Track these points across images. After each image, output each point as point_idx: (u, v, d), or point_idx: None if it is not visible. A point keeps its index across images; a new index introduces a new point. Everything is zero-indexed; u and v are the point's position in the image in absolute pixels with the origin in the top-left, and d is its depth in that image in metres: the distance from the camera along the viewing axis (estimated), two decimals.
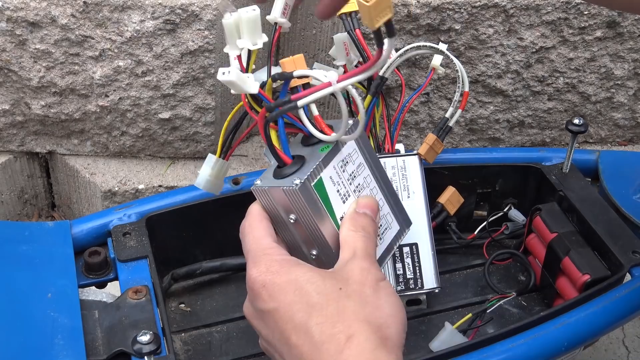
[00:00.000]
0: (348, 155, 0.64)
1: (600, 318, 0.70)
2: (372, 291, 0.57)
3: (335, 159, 0.62)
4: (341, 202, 0.63)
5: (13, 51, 1.04)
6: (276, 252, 0.60)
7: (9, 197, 1.22)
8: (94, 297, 0.70)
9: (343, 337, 0.54)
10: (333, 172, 0.62)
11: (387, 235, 0.66)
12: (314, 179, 0.61)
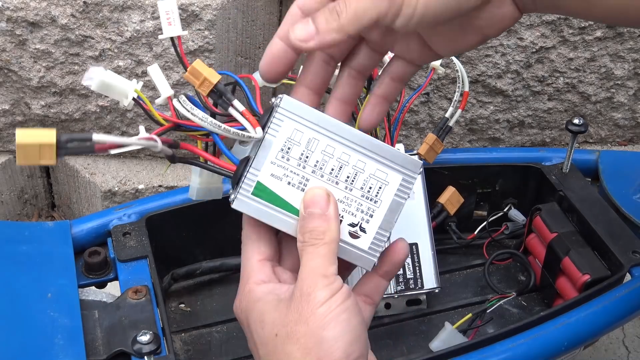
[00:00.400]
0: (288, 140, 0.58)
1: (600, 318, 0.70)
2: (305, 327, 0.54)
3: (270, 152, 0.58)
4: (299, 191, 0.59)
5: (13, 51, 1.04)
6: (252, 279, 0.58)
7: (9, 197, 1.22)
8: (94, 297, 0.70)
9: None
10: (273, 167, 0.58)
11: (386, 194, 0.60)
12: (249, 188, 0.58)
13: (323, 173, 0.59)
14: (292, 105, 0.58)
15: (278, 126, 0.58)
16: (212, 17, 1.04)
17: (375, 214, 0.59)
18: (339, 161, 0.59)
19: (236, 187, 0.58)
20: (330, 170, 0.59)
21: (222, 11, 1.05)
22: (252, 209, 0.58)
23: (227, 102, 0.58)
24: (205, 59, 1.07)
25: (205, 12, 1.03)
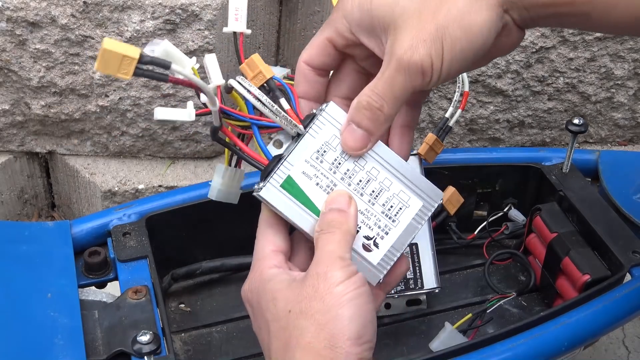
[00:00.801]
0: (325, 143, 0.61)
1: (600, 318, 0.70)
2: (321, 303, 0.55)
3: (306, 151, 0.60)
4: (325, 194, 0.61)
5: (13, 51, 1.04)
6: (265, 263, 0.59)
7: (9, 197, 1.22)
8: (93, 297, 0.70)
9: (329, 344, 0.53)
10: (306, 166, 0.61)
11: (405, 216, 0.62)
12: (279, 180, 0.60)
13: (351, 182, 0.61)
14: (336, 112, 0.60)
15: (319, 128, 0.60)
16: (212, 17, 1.04)
17: (391, 232, 0.61)
18: (368, 174, 0.61)
19: (265, 179, 0.60)
20: (358, 181, 0.61)
21: (222, 11, 1.05)
22: (277, 200, 0.60)
23: (275, 98, 0.60)
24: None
25: (205, 12, 1.03)
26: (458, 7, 0.55)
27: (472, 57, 0.56)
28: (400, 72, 0.56)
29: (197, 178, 1.18)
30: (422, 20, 0.55)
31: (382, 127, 0.58)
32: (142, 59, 0.52)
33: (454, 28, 0.55)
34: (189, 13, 1.03)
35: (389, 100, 0.57)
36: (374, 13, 0.58)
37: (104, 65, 0.51)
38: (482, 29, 0.55)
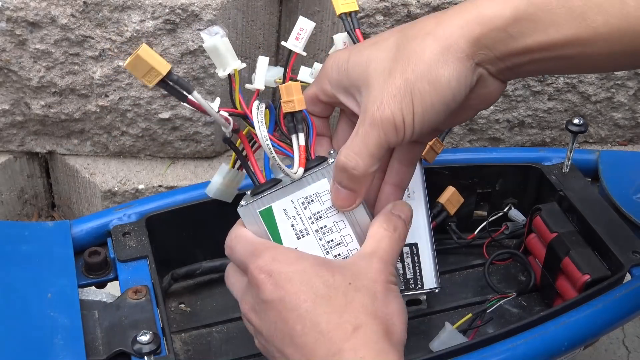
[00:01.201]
0: (315, 194, 0.62)
1: (600, 318, 0.70)
2: (382, 288, 0.58)
3: (295, 193, 0.62)
4: (295, 238, 0.62)
5: (13, 51, 1.04)
6: (279, 245, 0.61)
7: (9, 197, 1.22)
8: (94, 297, 0.70)
9: (350, 327, 0.55)
10: (289, 205, 0.62)
11: None
12: (261, 206, 0.61)
13: (322, 237, 0.63)
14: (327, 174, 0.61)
15: (318, 178, 0.61)
16: (212, 17, 1.04)
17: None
18: (342, 238, 0.63)
19: (253, 197, 0.62)
20: (330, 240, 0.63)
21: (222, 11, 1.05)
22: (251, 222, 0.62)
23: (295, 130, 0.61)
24: (205, 59, 1.07)
25: (205, 12, 1.03)
26: (425, 62, 0.56)
27: (445, 110, 0.57)
28: (373, 128, 0.57)
29: (197, 178, 1.18)
30: (392, 77, 0.57)
31: (362, 184, 0.59)
32: (169, 76, 0.54)
33: (421, 82, 0.56)
34: (189, 13, 1.03)
35: (364, 157, 0.58)
36: (350, 73, 0.60)
37: (132, 67, 0.53)
38: (450, 81, 0.56)
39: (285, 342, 0.56)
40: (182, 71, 1.08)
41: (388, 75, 0.57)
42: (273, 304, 0.57)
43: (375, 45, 0.60)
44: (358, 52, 0.61)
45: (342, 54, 0.62)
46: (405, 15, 1.07)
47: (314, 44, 1.16)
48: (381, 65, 0.58)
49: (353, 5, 0.74)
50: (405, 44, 0.58)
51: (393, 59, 0.57)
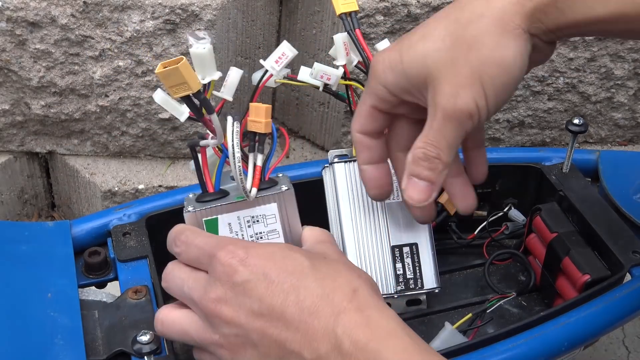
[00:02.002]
0: (262, 215, 0.64)
1: (600, 318, 0.70)
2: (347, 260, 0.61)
3: (243, 210, 0.63)
4: None
5: (13, 51, 1.04)
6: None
7: (9, 197, 1.22)
8: (94, 297, 0.70)
9: (348, 289, 0.54)
10: (235, 220, 0.64)
11: None
12: (208, 215, 0.63)
13: None
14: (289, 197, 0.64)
15: (269, 201, 0.64)
16: (212, 17, 1.04)
17: None
18: None
19: (199, 203, 0.64)
20: None
21: (222, 11, 1.05)
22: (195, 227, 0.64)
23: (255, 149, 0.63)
24: None
25: (205, 12, 1.03)
26: (487, 45, 0.56)
27: (514, 87, 0.57)
28: (448, 121, 0.57)
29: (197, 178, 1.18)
30: (456, 66, 0.56)
31: (442, 174, 0.59)
32: (197, 95, 0.55)
33: (489, 66, 0.56)
34: (189, 13, 1.03)
35: (444, 148, 0.58)
36: (407, 73, 0.59)
37: (164, 76, 0.54)
38: (516, 59, 0.56)
39: (274, 318, 0.54)
40: None
41: (452, 66, 0.56)
42: (255, 282, 0.55)
43: (425, 38, 0.59)
44: (409, 48, 0.59)
45: (391, 55, 0.61)
46: (405, 15, 1.08)
47: (313, 44, 1.16)
48: (441, 58, 0.57)
49: (353, 5, 0.74)
50: (460, 29, 0.57)
51: (451, 49, 0.57)
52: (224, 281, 0.56)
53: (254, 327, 0.55)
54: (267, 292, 0.55)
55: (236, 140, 0.60)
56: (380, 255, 0.73)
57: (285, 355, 0.54)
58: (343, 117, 1.18)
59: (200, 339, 0.58)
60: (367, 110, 0.64)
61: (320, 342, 0.53)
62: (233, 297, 0.56)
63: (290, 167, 0.79)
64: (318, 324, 0.53)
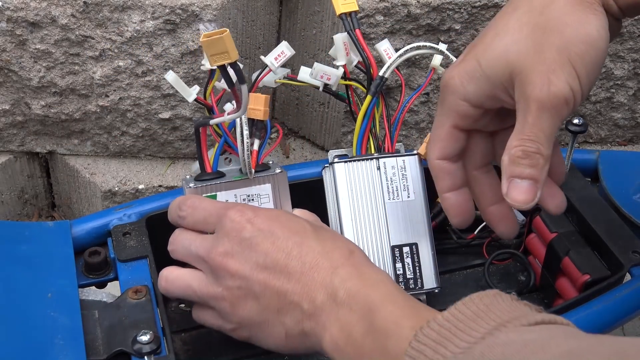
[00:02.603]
0: (257, 195, 0.70)
1: (600, 318, 0.70)
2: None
3: (240, 189, 0.70)
4: None
5: (13, 51, 1.04)
6: None
7: (9, 197, 1.22)
8: (94, 297, 0.70)
9: (346, 250, 0.59)
10: (232, 198, 0.70)
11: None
12: (207, 191, 0.69)
13: None
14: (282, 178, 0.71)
15: (263, 182, 0.71)
16: (212, 17, 1.04)
17: None
18: None
19: (198, 182, 0.69)
20: None
21: (222, 11, 1.05)
22: None
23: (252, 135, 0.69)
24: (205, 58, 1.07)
25: (205, 12, 1.03)
26: (569, 24, 0.55)
27: (602, 62, 0.56)
28: (544, 111, 0.55)
29: None
30: (541, 52, 0.55)
31: (544, 170, 0.56)
32: (233, 64, 0.59)
33: (576, 45, 0.54)
34: (189, 13, 1.03)
35: (543, 141, 0.56)
36: (489, 74, 0.57)
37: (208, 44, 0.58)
38: (600, 33, 0.55)
39: (277, 270, 0.58)
40: (182, 71, 1.08)
41: (536, 54, 0.55)
42: (261, 238, 0.59)
43: (500, 34, 0.57)
44: (485, 51, 0.58)
45: (466, 65, 0.59)
46: (405, 15, 1.08)
47: (313, 44, 1.16)
48: (522, 48, 0.56)
49: (353, 6, 0.74)
50: (536, 16, 0.56)
51: (531, 36, 0.55)
52: (232, 236, 0.60)
53: (257, 279, 0.59)
54: (272, 247, 0.59)
55: (244, 119, 0.67)
56: (380, 255, 0.73)
57: (284, 307, 0.58)
58: (343, 117, 1.18)
59: (202, 292, 0.62)
60: (447, 132, 0.61)
61: (317, 293, 0.57)
62: (240, 251, 0.59)
63: (290, 167, 0.79)
64: (317, 276, 0.57)
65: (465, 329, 0.48)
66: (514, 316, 0.49)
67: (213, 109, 0.70)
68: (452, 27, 1.10)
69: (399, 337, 0.52)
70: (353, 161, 0.74)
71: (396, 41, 1.10)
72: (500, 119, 0.63)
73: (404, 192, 0.76)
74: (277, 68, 0.70)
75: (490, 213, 0.66)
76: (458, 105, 0.60)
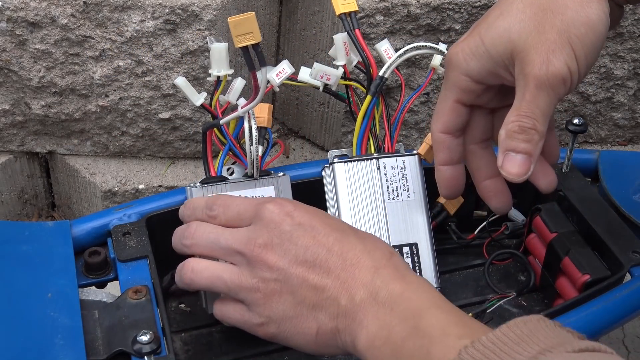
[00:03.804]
0: (260, 197, 0.71)
1: (600, 318, 0.70)
2: None
3: (245, 190, 0.71)
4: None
5: (13, 51, 1.04)
6: None
7: (9, 197, 1.22)
8: (94, 297, 0.70)
9: (387, 252, 0.59)
10: None
11: None
12: (212, 192, 0.71)
13: None
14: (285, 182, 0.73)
15: (267, 184, 0.72)
16: (212, 17, 1.04)
17: None
18: None
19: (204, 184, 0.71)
20: None
21: (222, 11, 1.05)
22: None
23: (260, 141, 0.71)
24: (205, 58, 1.07)
25: (205, 12, 1.03)
26: (570, 7, 0.56)
27: (602, 45, 0.57)
28: (541, 89, 0.57)
29: (197, 178, 1.18)
30: (542, 33, 0.56)
31: (538, 145, 0.59)
32: (256, 46, 0.63)
33: (576, 27, 0.56)
34: (189, 13, 1.03)
35: (539, 118, 0.58)
36: (491, 51, 0.59)
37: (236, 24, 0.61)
38: (600, 16, 0.56)
39: (317, 265, 0.58)
40: (182, 71, 1.08)
41: (538, 34, 0.56)
42: (302, 231, 0.59)
43: (504, 14, 0.59)
44: (488, 29, 0.60)
45: (470, 41, 0.61)
46: (405, 15, 1.08)
47: (313, 44, 1.16)
48: (524, 28, 0.57)
49: (353, 6, 0.74)
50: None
51: (534, 17, 0.57)
52: (271, 228, 0.60)
53: (295, 273, 0.58)
54: (313, 242, 0.58)
55: (252, 114, 0.70)
56: None
57: (320, 302, 0.57)
58: (343, 117, 1.18)
59: (234, 283, 0.61)
60: (450, 106, 0.64)
61: (357, 290, 0.56)
62: (279, 244, 0.59)
63: (290, 167, 0.79)
64: (359, 273, 0.57)
65: (509, 352, 0.49)
66: (558, 342, 0.49)
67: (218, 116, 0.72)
68: (452, 27, 1.10)
69: (445, 345, 0.52)
70: (353, 161, 0.74)
71: (396, 41, 1.10)
72: (501, 96, 0.64)
73: (404, 192, 0.76)
74: (277, 85, 0.72)
75: (485, 187, 0.69)
76: (461, 81, 0.62)
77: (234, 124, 0.72)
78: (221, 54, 0.70)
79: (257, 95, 0.67)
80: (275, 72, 0.72)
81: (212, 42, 0.70)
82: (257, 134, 0.70)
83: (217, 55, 0.70)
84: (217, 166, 0.73)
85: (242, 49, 0.63)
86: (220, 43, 0.70)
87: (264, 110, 0.73)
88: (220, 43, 0.70)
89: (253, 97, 0.68)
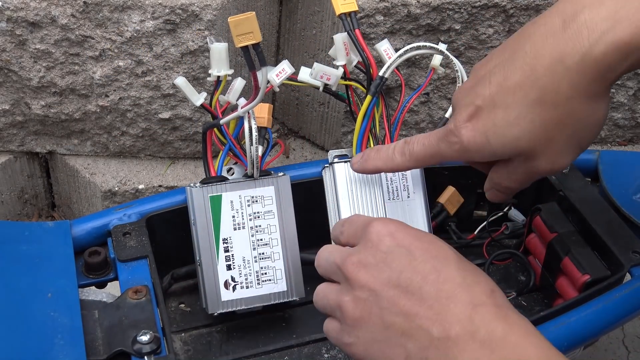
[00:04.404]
0: (260, 196, 0.72)
1: (600, 318, 0.70)
2: None
3: (245, 190, 0.72)
4: (232, 228, 0.72)
5: (13, 51, 1.04)
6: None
7: (9, 197, 1.22)
8: (94, 297, 0.70)
9: (487, 287, 0.55)
10: (237, 199, 0.72)
11: (269, 287, 0.72)
12: (213, 192, 0.71)
13: (254, 234, 0.72)
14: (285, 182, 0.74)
15: (267, 184, 0.73)
16: (212, 17, 1.04)
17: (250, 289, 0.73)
18: (269, 240, 0.73)
19: (204, 184, 0.72)
20: (259, 239, 0.72)
21: (222, 11, 1.05)
22: (199, 203, 0.71)
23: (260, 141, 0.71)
24: (205, 58, 1.07)
25: (205, 12, 1.03)
26: (584, 119, 0.58)
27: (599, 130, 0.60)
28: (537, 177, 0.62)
29: (197, 178, 1.18)
30: (553, 143, 0.59)
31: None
32: (256, 46, 0.64)
33: (586, 132, 0.59)
34: (189, 13, 1.03)
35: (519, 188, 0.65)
36: (498, 153, 0.61)
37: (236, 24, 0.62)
38: (605, 113, 0.59)
39: (409, 291, 0.55)
40: (182, 71, 1.08)
41: (548, 144, 0.59)
42: (398, 254, 0.57)
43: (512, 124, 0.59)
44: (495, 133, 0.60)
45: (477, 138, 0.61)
46: (405, 15, 1.08)
47: (313, 44, 1.16)
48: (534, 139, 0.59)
49: (353, 6, 0.74)
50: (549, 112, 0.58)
51: (544, 129, 0.58)
52: (369, 247, 0.58)
53: (387, 295, 0.56)
54: (408, 266, 0.56)
55: (252, 113, 0.71)
56: None
57: (410, 329, 0.54)
58: (343, 117, 1.18)
59: (332, 300, 0.59)
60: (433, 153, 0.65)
61: (452, 325, 0.53)
62: (373, 264, 0.57)
63: (290, 167, 0.79)
64: (454, 307, 0.54)
65: None
66: None
67: (218, 116, 0.72)
68: (452, 27, 1.10)
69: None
70: None
71: (396, 41, 1.10)
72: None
73: (404, 192, 0.76)
74: (277, 85, 0.72)
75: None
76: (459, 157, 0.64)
77: (234, 124, 0.72)
78: (221, 54, 0.71)
79: (257, 95, 0.68)
80: (275, 72, 0.72)
81: (212, 42, 0.70)
82: (257, 134, 0.70)
83: (217, 55, 0.71)
84: (217, 166, 0.73)
85: (243, 49, 0.64)
86: (220, 43, 0.71)
87: (264, 110, 0.74)
88: (220, 43, 0.71)
89: (253, 97, 0.69)
